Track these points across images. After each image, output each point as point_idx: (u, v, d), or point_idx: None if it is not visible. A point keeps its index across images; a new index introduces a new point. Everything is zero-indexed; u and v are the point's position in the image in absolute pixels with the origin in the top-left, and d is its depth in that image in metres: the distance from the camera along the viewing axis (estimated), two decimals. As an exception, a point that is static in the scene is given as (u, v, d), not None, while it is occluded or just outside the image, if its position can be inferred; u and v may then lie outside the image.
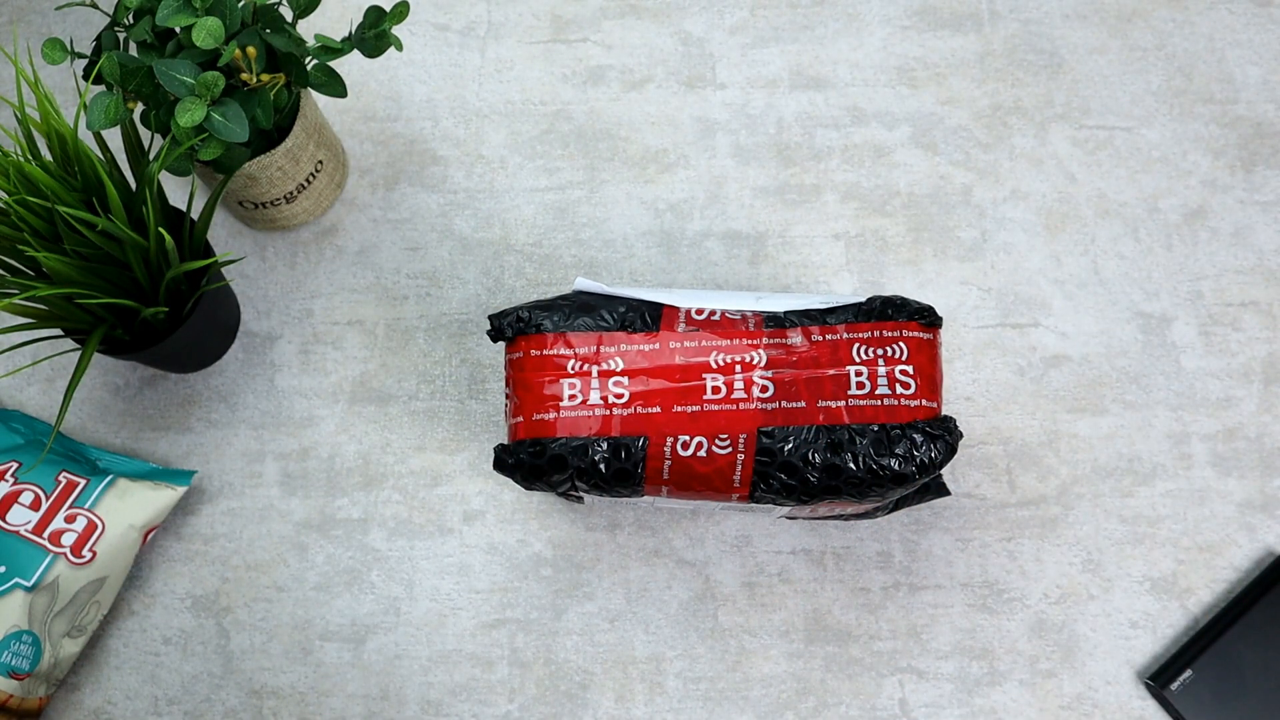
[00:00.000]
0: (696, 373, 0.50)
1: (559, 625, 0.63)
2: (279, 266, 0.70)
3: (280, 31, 0.58)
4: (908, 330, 0.51)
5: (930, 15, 0.74)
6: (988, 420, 0.66)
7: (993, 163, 0.71)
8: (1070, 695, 0.61)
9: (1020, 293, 0.68)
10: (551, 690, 0.62)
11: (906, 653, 0.62)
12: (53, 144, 0.54)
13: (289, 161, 0.63)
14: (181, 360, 0.65)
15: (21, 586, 0.58)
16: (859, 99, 0.72)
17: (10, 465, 0.61)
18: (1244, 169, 0.70)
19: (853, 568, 0.63)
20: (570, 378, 0.50)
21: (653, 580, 0.64)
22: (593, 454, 0.49)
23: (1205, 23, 0.73)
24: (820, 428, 0.49)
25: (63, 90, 0.75)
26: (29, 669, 0.57)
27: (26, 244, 0.54)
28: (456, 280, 0.69)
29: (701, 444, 0.49)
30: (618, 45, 0.74)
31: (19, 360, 0.68)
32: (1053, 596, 0.62)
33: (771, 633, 0.62)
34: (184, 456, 0.67)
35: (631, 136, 0.72)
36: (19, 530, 0.59)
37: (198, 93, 0.54)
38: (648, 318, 0.51)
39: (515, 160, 0.72)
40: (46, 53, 0.57)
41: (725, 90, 0.73)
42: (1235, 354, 0.66)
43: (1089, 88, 0.72)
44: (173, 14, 0.55)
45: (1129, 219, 0.69)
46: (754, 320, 0.51)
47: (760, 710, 0.61)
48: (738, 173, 0.71)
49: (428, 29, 0.75)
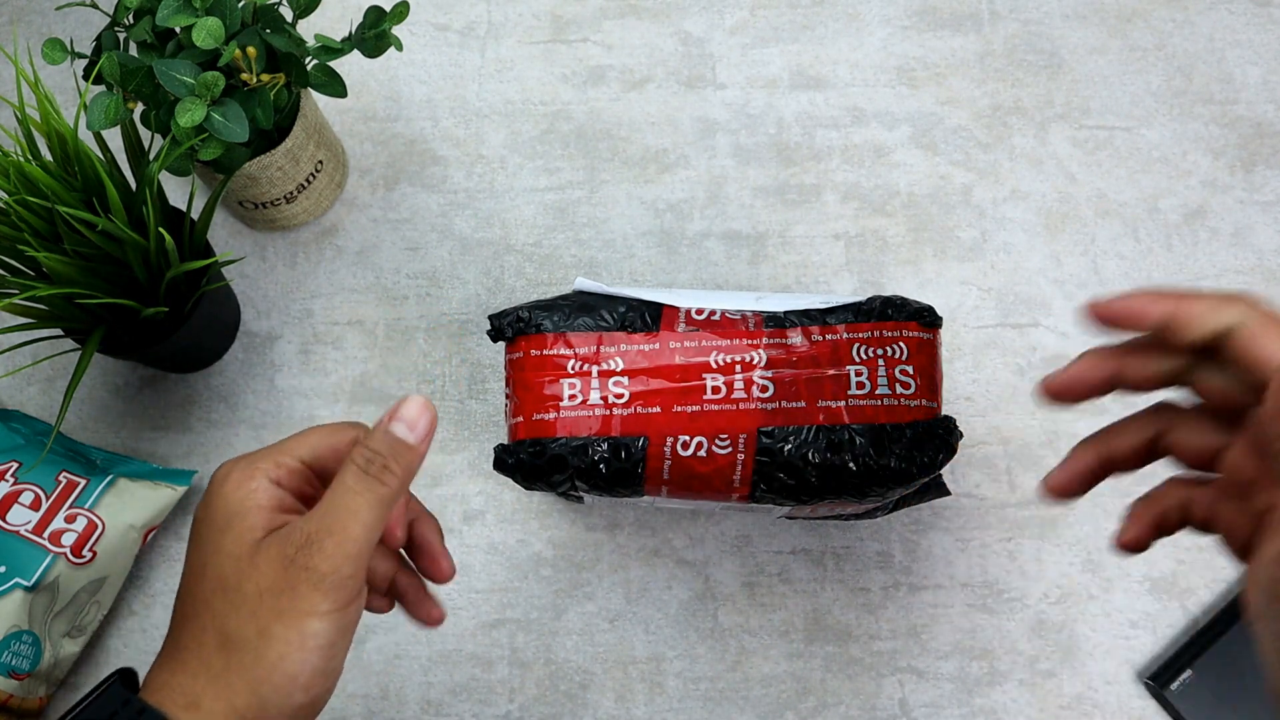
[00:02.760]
0: (696, 373, 0.50)
1: (559, 625, 0.63)
2: (279, 266, 0.70)
3: (280, 31, 0.58)
4: (908, 330, 0.51)
5: (930, 15, 0.74)
6: (988, 420, 0.66)
7: (993, 163, 0.71)
8: (1070, 695, 0.61)
9: (1020, 293, 0.68)
10: (551, 690, 0.62)
11: (906, 652, 0.62)
12: (53, 144, 0.54)
13: (289, 161, 0.63)
14: (181, 360, 0.65)
15: (21, 586, 0.58)
16: (859, 99, 0.72)
17: (10, 465, 0.61)
18: (1244, 169, 0.70)
19: (853, 568, 0.63)
20: (570, 377, 0.50)
21: (653, 580, 0.64)
22: (593, 454, 0.49)
23: (1205, 23, 0.73)
24: (820, 428, 0.49)
25: (63, 90, 0.75)
26: (29, 669, 0.57)
27: (26, 244, 0.54)
28: (456, 280, 0.69)
29: (701, 444, 0.49)
30: (618, 45, 0.74)
31: (19, 360, 0.68)
32: (1053, 596, 0.62)
33: (771, 633, 0.62)
34: (184, 456, 0.67)
35: (631, 136, 0.72)
36: (19, 530, 0.59)
37: (198, 93, 0.54)
38: (648, 318, 0.51)
39: (515, 160, 0.72)
40: (46, 53, 0.57)
41: (725, 90, 0.73)
42: (1235, 354, 0.66)
43: (1089, 88, 0.72)
44: (173, 14, 0.55)
45: (1129, 219, 0.69)
46: (754, 320, 0.51)
47: (760, 710, 0.61)
48: (738, 173, 0.71)
49: (428, 29, 0.75)
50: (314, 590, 0.37)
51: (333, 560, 0.37)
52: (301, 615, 0.37)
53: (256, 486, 0.40)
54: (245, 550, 0.38)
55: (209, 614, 0.38)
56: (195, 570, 0.39)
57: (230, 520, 0.39)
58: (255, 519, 0.39)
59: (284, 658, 0.37)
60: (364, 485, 0.39)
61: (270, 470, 0.40)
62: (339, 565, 0.37)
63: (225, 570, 0.38)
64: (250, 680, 0.37)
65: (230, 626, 0.37)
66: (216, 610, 0.38)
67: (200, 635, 0.38)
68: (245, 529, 0.39)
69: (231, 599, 0.38)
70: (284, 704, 0.37)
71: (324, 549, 0.37)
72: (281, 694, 0.37)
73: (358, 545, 0.38)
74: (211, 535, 0.39)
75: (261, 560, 0.38)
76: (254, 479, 0.40)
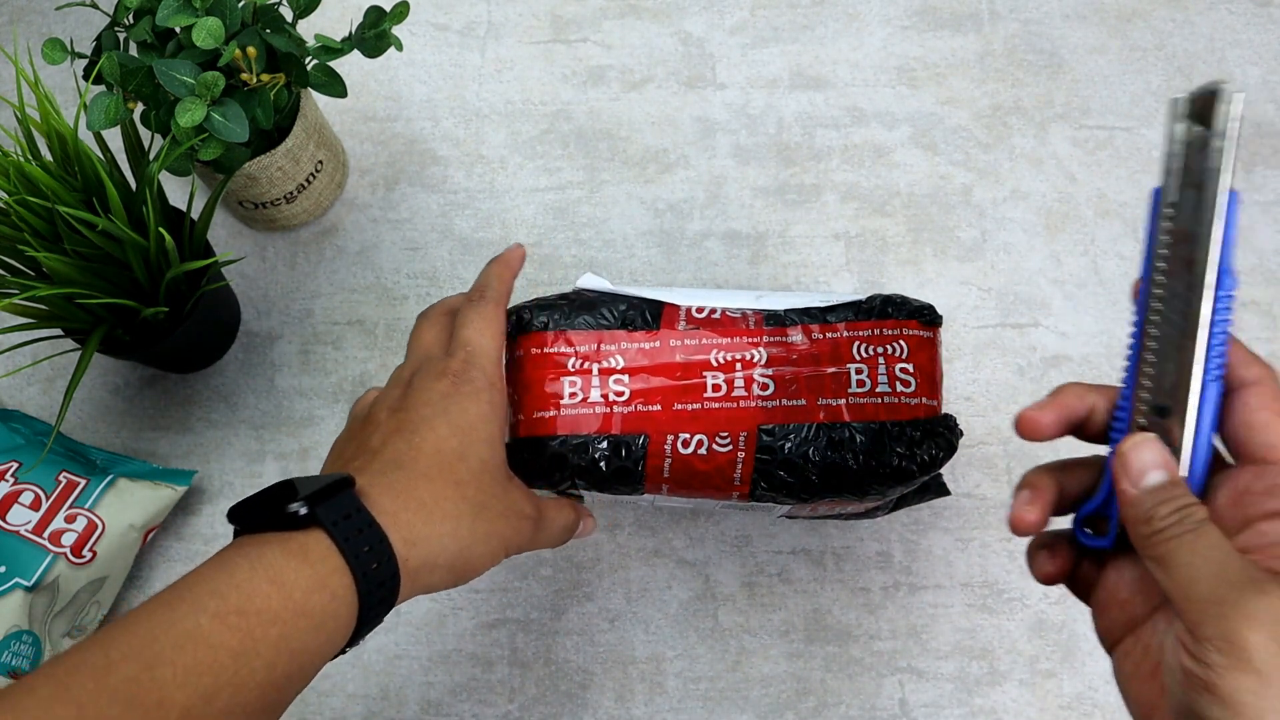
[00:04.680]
0: (697, 370, 0.50)
1: (559, 625, 0.63)
2: (279, 266, 0.70)
3: (280, 31, 0.58)
4: (908, 328, 0.51)
5: (930, 15, 0.74)
6: (988, 420, 0.66)
7: (993, 163, 0.71)
8: (1070, 695, 0.61)
9: (1020, 293, 0.68)
10: (551, 690, 0.62)
11: (906, 653, 0.62)
12: (53, 144, 0.54)
13: (289, 161, 0.63)
14: (181, 360, 0.65)
15: (21, 586, 0.58)
16: (859, 99, 0.72)
17: (10, 465, 0.61)
18: (1244, 169, 0.70)
19: (853, 568, 0.63)
20: (570, 375, 0.50)
21: (653, 580, 0.64)
22: (593, 452, 0.49)
23: (1205, 23, 0.73)
24: (820, 425, 0.49)
25: (63, 90, 0.75)
26: (29, 669, 0.57)
27: (26, 244, 0.54)
28: (456, 280, 0.69)
29: (702, 442, 0.49)
30: (618, 45, 0.74)
31: (19, 360, 0.68)
32: (1053, 596, 0.62)
33: (771, 633, 0.62)
34: (184, 456, 0.67)
35: (631, 136, 0.72)
36: (19, 530, 0.59)
37: (198, 93, 0.54)
38: (648, 316, 0.51)
39: (515, 160, 0.72)
40: (46, 53, 0.57)
41: (725, 90, 0.73)
42: (1235, 353, 0.66)
43: (1089, 88, 0.72)
44: (173, 14, 0.55)
45: (1129, 219, 0.69)
46: (754, 318, 0.51)
47: (760, 710, 0.61)
48: (738, 173, 0.71)
49: (428, 29, 0.75)
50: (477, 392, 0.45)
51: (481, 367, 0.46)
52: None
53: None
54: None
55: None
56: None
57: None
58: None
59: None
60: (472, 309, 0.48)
61: None
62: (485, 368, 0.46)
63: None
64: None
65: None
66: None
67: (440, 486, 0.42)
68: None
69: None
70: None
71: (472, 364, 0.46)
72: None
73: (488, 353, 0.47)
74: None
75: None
76: None
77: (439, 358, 0.46)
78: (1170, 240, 0.33)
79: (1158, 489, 0.32)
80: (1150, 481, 0.33)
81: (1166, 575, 0.31)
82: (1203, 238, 0.32)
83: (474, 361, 0.45)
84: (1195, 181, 0.33)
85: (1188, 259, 0.33)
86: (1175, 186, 0.33)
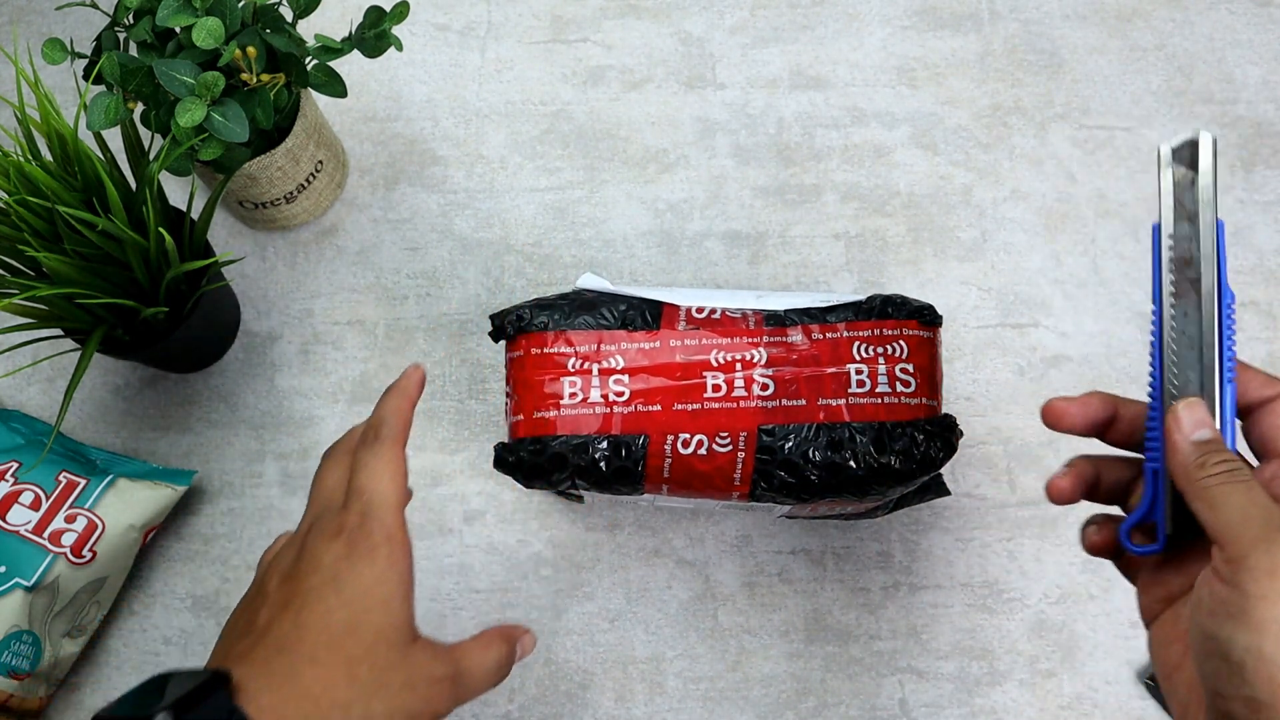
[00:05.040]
0: (697, 370, 0.50)
1: (559, 625, 0.63)
2: (279, 266, 0.70)
3: (280, 31, 0.58)
4: (908, 329, 0.51)
5: (930, 15, 0.74)
6: (988, 420, 0.66)
7: (993, 163, 0.71)
8: (1070, 695, 0.61)
9: (1020, 293, 0.68)
10: (551, 690, 0.62)
11: (906, 653, 0.62)
12: (53, 144, 0.54)
13: (289, 161, 0.63)
14: (181, 360, 0.65)
15: (21, 586, 0.57)
16: (859, 99, 0.72)
17: (10, 465, 0.61)
18: (1244, 169, 0.70)
19: (853, 568, 0.63)
20: (571, 376, 0.50)
21: (653, 580, 0.64)
22: (593, 452, 0.49)
23: (1205, 23, 0.73)
24: (821, 425, 0.49)
25: (63, 90, 0.75)
26: (29, 669, 0.57)
27: (26, 244, 0.54)
28: (456, 280, 0.69)
29: (702, 442, 0.49)
30: (618, 45, 0.74)
31: (19, 360, 0.68)
32: (1053, 596, 0.62)
33: (771, 633, 0.62)
34: (184, 456, 0.67)
35: (631, 136, 0.72)
36: (19, 530, 0.59)
37: (198, 93, 0.54)
38: (648, 316, 0.51)
39: (515, 160, 0.72)
40: (46, 53, 0.57)
41: (725, 90, 0.73)
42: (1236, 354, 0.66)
43: (1089, 88, 0.72)
44: (173, 14, 0.55)
45: (1129, 219, 0.69)
46: (754, 319, 0.51)
47: (760, 710, 0.61)
48: (738, 173, 0.71)
49: (428, 29, 0.75)
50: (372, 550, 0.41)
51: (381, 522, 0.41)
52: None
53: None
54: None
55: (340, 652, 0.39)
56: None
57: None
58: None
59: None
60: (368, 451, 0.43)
61: None
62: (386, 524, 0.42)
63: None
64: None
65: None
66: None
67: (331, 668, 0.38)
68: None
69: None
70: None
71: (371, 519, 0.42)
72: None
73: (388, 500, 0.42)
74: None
75: None
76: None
77: (334, 511, 0.42)
78: (1173, 266, 0.38)
79: (1209, 442, 0.36)
80: (1201, 435, 0.36)
81: (1216, 514, 0.34)
82: (1201, 262, 0.38)
83: (370, 513, 0.41)
84: (1188, 215, 0.38)
85: (1192, 280, 0.38)
86: (1171, 220, 0.38)
